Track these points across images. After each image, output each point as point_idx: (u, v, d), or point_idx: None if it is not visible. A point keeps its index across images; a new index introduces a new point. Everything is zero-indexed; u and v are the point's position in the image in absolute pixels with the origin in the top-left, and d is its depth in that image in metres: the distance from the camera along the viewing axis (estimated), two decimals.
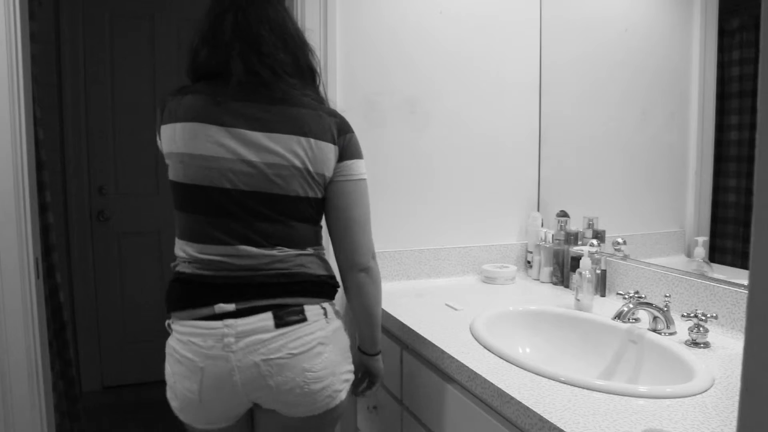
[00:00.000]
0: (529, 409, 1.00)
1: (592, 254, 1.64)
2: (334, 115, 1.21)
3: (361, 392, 1.38)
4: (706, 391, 1.05)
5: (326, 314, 1.19)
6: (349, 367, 1.23)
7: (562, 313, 1.52)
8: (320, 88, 1.28)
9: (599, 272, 1.69)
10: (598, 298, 1.69)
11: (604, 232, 1.78)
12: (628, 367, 1.32)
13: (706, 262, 1.46)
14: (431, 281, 1.95)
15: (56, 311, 2.17)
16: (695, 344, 1.28)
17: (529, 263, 2.02)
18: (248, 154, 1.14)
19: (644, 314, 1.46)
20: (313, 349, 1.15)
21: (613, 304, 1.63)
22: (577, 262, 1.70)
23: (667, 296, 1.38)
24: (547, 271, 1.90)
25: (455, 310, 1.60)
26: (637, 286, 1.63)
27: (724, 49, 1.39)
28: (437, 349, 1.32)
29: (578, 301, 1.55)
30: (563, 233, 1.85)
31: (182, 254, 1.19)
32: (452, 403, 1.28)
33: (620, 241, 1.70)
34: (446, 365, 1.28)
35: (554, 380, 1.11)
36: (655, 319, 1.36)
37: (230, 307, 1.12)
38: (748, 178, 1.35)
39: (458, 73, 1.96)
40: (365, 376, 1.36)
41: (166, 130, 1.18)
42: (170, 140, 1.17)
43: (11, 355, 1.62)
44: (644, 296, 1.59)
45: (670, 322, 1.35)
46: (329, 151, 1.18)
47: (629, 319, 1.38)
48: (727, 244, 1.41)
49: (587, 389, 1.06)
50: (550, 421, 0.95)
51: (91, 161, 3.07)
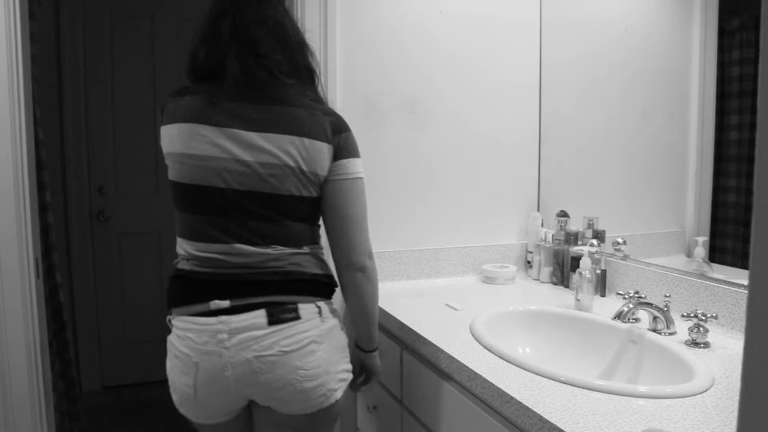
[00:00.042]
0: (529, 409, 1.00)
1: (592, 254, 1.64)
2: (329, 114, 1.21)
3: (357, 388, 1.40)
4: (706, 391, 1.05)
5: (321, 313, 1.19)
6: (345, 366, 1.23)
7: (562, 313, 1.52)
8: (319, 88, 1.29)
9: (599, 272, 1.69)
10: (598, 298, 1.69)
11: (604, 232, 1.78)
12: (628, 367, 1.33)
13: (706, 262, 1.46)
14: (431, 281, 1.95)
15: (56, 311, 2.17)
16: (695, 344, 1.28)
17: (529, 263, 2.02)
18: (242, 153, 1.15)
19: (644, 314, 1.46)
20: (305, 347, 1.15)
21: (613, 304, 1.63)
22: (577, 262, 1.70)
23: (667, 296, 1.38)
24: (547, 271, 1.90)
25: (455, 310, 1.60)
26: (637, 286, 1.63)
27: (724, 49, 1.39)
28: (437, 349, 1.32)
29: (578, 301, 1.55)
30: (563, 233, 1.85)
31: (182, 252, 1.22)
32: (452, 403, 1.28)
33: (620, 241, 1.70)
34: (446, 365, 1.28)
35: (554, 380, 1.11)
36: (655, 319, 1.36)
37: (225, 303, 1.14)
38: (748, 178, 1.35)
39: (458, 73, 1.96)
40: (362, 372, 1.38)
41: (165, 131, 1.20)
42: (169, 141, 1.19)
43: (11, 355, 1.62)
44: (644, 296, 1.59)
45: (670, 322, 1.35)
46: (323, 150, 1.18)
47: (629, 319, 1.38)
48: (727, 244, 1.41)
49: (587, 389, 1.06)
50: (550, 421, 0.95)
51: (91, 161, 3.07)
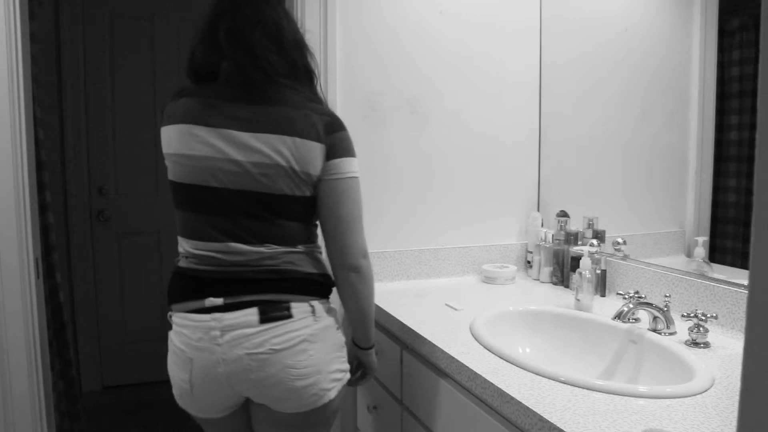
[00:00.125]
0: (529, 409, 1.00)
1: (592, 254, 1.64)
2: (323, 114, 1.21)
3: (354, 383, 1.40)
4: (706, 391, 1.05)
5: (314, 312, 1.19)
6: (339, 366, 1.23)
7: (562, 313, 1.52)
8: (318, 88, 1.29)
9: (599, 272, 1.69)
10: (598, 298, 1.69)
11: (604, 232, 1.78)
12: (628, 367, 1.32)
13: (706, 262, 1.46)
14: (431, 281, 1.95)
15: (56, 311, 2.17)
16: (695, 344, 1.28)
17: (529, 263, 2.02)
18: (235, 153, 1.16)
19: (644, 314, 1.46)
20: (296, 346, 1.16)
21: (613, 304, 1.63)
22: (577, 262, 1.70)
23: (667, 296, 1.38)
24: (547, 271, 1.90)
25: (455, 310, 1.60)
26: (637, 286, 1.63)
27: (724, 49, 1.39)
28: (437, 349, 1.32)
29: (578, 301, 1.55)
30: (563, 233, 1.85)
31: (182, 250, 1.25)
32: (452, 402, 1.28)
33: (620, 241, 1.70)
34: (446, 365, 1.28)
35: (554, 380, 1.11)
36: (655, 319, 1.36)
37: (219, 301, 1.16)
38: (748, 178, 1.35)
39: (458, 73, 1.96)
40: (359, 368, 1.39)
41: (164, 132, 1.23)
42: (167, 141, 1.22)
43: (11, 355, 1.62)
44: (644, 296, 1.59)
45: (670, 322, 1.35)
46: (314, 149, 1.18)
47: (629, 319, 1.38)
48: (727, 244, 1.41)
49: (587, 389, 1.06)
50: (550, 421, 0.95)
51: (91, 161, 3.07)
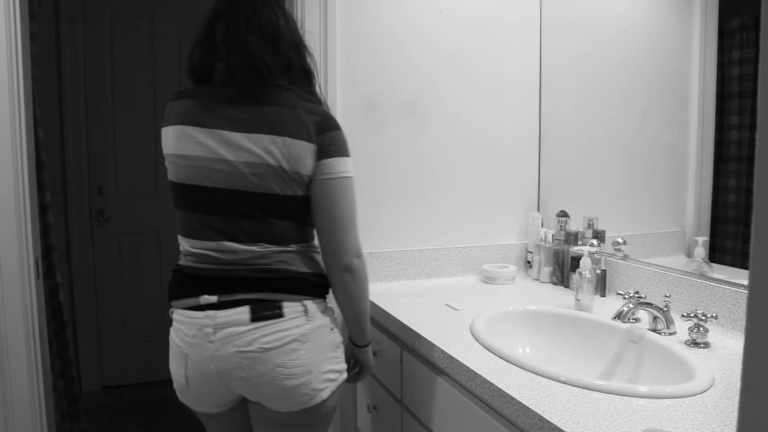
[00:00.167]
0: (529, 409, 1.00)
1: (592, 254, 1.64)
2: (315, 113, 1.20)
3: (351, 380, 1.40)
4: (706, 391, 1.05)
5: (307, 312, 1.19)
6: (333, 366, 1.23)
7: (562, 313, 1.52)
8: (317, 88, 1.29)
9: (599, 272, 1.69)
10: (598, 298, 1.69)
11: (604, 232, 1.78)
12: (628, 367, 1.32)
13: (706, 262, 1.46)
14: (431, 281, 1.95)
15: (56, 311, 2.17)
16: (695, 344, 1.28)
17: (529, 263, 2.02)
18: (227, 153, 1.17)
19: (644, 314, 1.46)
20: (286, 345, 1.16)
21: (613, 304, 1.63)
22: (577, 262, 1.70)
23: (667, 296, 1.38)
24: (547, 271, 1.90)
25: (455, 310, 1.60)
26: (637, 286, 1.63)
27: (724, 49, 1.39)
28: (437, 349, 1.32)
29: (578, 301, 1.55)
30: (563, 233, 1.85)
31: (181, 249, 1.27)
32: (452, 402, 1.28)
33: (620, 241, 1.70)
34: (446, 365, 1.28)
35: (554, 380, 1.11)
36: (655, 319, 1.36)
37: (213, 298, 1.17)
38: (748, 178, 1.35)
39: (458, 73, 1.96)
40: (356, 365, 1.39)
41: (163, 133, 1.25)
42: (165, 142, 1.24)
43: (11, 355, 1.62)
44: (644, 296, 1.59)
45: (670, 322, 1.35)
46: (304, 149, 1.18)
47: (629, 319, 1.38)
48: (727, 244, 1.41)
49: (587, 389, 1.06)
50: (550, 421, 0.95)
51: (91, 161, 3.07)
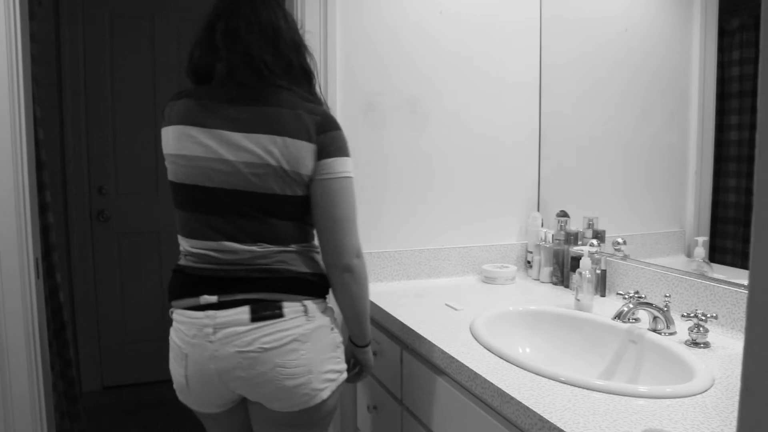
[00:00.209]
0: (529, 409, 1.00)
1: (592, 254, 1.64)
2: (315, 113, 1.20)
3: (351, 380, 1.40)
4: (706, 391, 1.05)
5: (306, 312, 1.19)
6: (333, 366, 1.23)
7: (562, 313, 1.52)
8: (317, 88, 1.29)
9: (599, 272, 1.69)
10: (598, 298, 1.69)
11: (604, 232, 1.78)
12: (628, 367, 1.32)
13: (706, 262, 1.46)
14: (431, 281, 1.95)
15: (56, 311, 2.17)
16: (695, 344, 1.28)
17: (529, 263, 2.02)
18: (226, 153, 1.17)
19: (644, 314, 1.46)
20: (286, 345, 1.16)
21: (613, 304, 1.63)
22: (577, 262, 1.70)
23: (667, 296, 1.38)
24: (547, 271, 1.90)
25: (455, 310, 1.60)
26: (637, 286, 1.63)
27: (724, 49, 1.39)
28: (437, 349, 1.32)
29: (578, 301, 1.55)
30: (563, 233, 1.85)
31: (181, 248, 1.27)
32: (452, 402, 1.28)
33: (620, 241, 1.70)
34: (446, 365, 1.28)
35: (554, 380, 1.11)
36: (655, 319, 1.36)
37: (213, 298, 1.17)
38: (748, 178, 1.35)
39: (458, 73, 1.96)
40: (356, 365, 1.39)
41: (163, 133, 1.25)
42: (165, 142, 1.24)
43: (11, 355, 1.62)
44: (644, 296, 1.59)
45: (670, 322, 1.35)
46: (304, 149, 1.18)
47: (629, 319, 1.38)
48: (727, 244, 1.41)
49: (587, 389, 1.06)
50: (550, 421, 0.95)
51: (91, 161, 3.07)
